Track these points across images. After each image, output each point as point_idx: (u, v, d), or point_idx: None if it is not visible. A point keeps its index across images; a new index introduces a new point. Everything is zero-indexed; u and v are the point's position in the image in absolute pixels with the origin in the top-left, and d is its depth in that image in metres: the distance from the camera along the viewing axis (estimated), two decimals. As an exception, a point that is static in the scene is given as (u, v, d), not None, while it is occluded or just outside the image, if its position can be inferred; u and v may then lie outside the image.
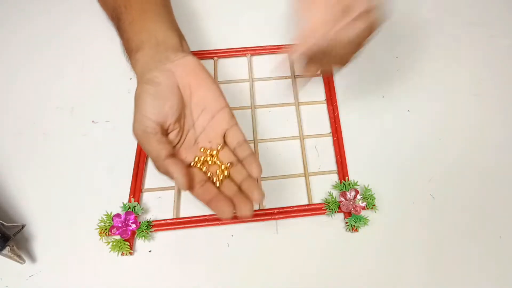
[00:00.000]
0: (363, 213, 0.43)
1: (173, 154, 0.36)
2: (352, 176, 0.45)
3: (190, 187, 0.35)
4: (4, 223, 0.40)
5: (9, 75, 0.54)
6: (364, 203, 0.43)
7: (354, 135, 0.48)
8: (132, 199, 0.44)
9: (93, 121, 0.50)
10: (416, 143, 0.48)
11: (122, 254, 0.41)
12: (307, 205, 0.44)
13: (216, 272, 0.41)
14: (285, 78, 0.53)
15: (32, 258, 0.41)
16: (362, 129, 0.49)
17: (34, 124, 0.50)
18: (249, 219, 0.43)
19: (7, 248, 0.38)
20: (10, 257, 0.39)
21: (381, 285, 0.40)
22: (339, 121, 0.49)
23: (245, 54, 0.54)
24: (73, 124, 0.49)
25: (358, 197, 0.43)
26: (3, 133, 0.49)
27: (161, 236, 0.43)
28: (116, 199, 0.44)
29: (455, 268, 0.41)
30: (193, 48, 0.54)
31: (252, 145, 0.48)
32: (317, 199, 0.45)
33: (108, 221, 0.42)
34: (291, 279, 0.40)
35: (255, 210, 0.43)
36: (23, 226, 0.42)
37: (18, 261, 0.39)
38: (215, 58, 0.54)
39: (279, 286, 0.40)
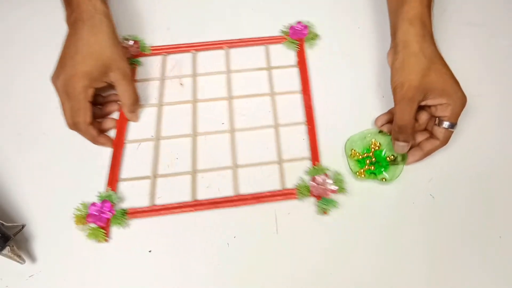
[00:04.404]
0: (334, 196, 0.44)
1: None
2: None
3: None
4: (4, 223, 0.40)
5: (9, 75, 0.54)
6: (334, 187, 0.44)
7: (354, 135, 0.49)
8: (109, 188, 0.44)
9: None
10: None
11: (99, 241, 0.42)
12: (280, 190, 0.45)
13: (216, 272, 0.41)
14: (260, 69, 0.54)
15: (32, 258, 0.41)
16: (362, 129, 0.49)
17: (34, 124, 0.50)
18: (221, 205, 0.44)
19: (7, 248, 0.38)
20: (10, 257, 0.39)
21: (381, 281, 0.40)
22: (312, 110, 0.50)
23: (222, 47, 0.55)
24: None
25: (328, 181, 0.44)
26: (3, 133, 0.49)
27: (160, 234, 0.43)
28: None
29: (455, 268, 0.41)
30: (170, 42, 0.56)
31: (229, 134, 0.49)
32: (291, 185, 0.45)
33: (84, 210, 0.43)
34: (287, 277, 0.41)
35: (227, 197, 0.44)
36: (23, 226, 0.42)
37: (18, 261, 0.39)
38: (193, 51, 0.55)
39: (279, 285, 0.40)
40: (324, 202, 0.43)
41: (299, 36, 0.56)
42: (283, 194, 0.44)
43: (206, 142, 0.48)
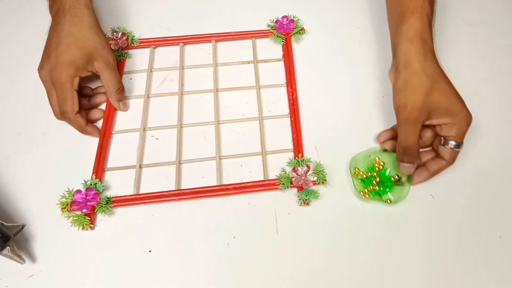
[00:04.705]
0: (316, 188, 0.44)
1: None
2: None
3: None
4: (4, 223, 0.40)
5: (9, 75, 0.54)
6: (314, 178, 0.44)
7: (352, 136, 0.49)
8: (93, 176, 0.45)
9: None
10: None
11: (83, 228, 0.42)
12: (262, 181, 0.45)
13: (216, 272, 0.41)
14: (247, 63, 0.55)
15: (32, 258, 0.41)
16: (363, 129, 0.49)
17: (34, 124, 0.50)
18: (203, 195, 0.44)
19: (7, 248, 0.38)
20: (10, 257, 0.39)
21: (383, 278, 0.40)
22: (297, 102, 0.51)
23: (210, 40, 0.56)
24: (73, 124, 0.49)
25: (309, 172, 0.44)
26: (3, 133, 0.49)
27: (158, 232, 0.43)
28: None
29: (455, 268, 0.41)
30: (159, 34, 0.57)
31: (213, 126, 0.49)
32: (273, 176, 0.46)
33: (69, 197, 0.43)
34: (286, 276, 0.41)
35: (210, 187, 0.45)
36: (23, 226, 0.42)
37: (18, 261, 0.39)
38: (181, 44, 0.56)
39: (279, 284, 0.40)
40: (305, 193, 0.44)
41: (285, 30, 0.57)
42: (265, 185, 0.45)
43: (192, 133, 0.49)
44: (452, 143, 0.43)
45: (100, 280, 0.40)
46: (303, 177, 0.44)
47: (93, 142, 0.48)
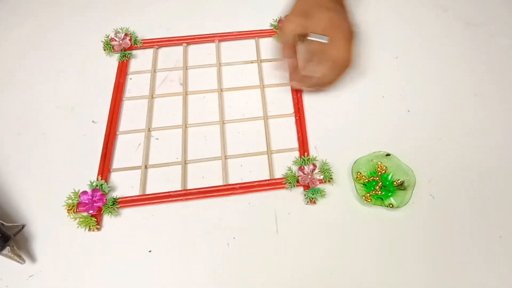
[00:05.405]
0: (322, 186, 0.44)
1: None
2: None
3: None
4: (4, 223, 0.40)
5: (9, 75, 0.54)
6: (320, 176, 0.44)
7: (351, 135, 0.49)
8: (99, 177, 0.45)
9: (93, 121, 0.50)
10: (416, 143, 0.48)
11: (90, 229, 0.42)
12: (268, 180, 0.45)
13: (216, 272, 0.41)
14: (251, 62, 0.55)
15: (32, 258, 0.41)
16: (362, 128, 0.49)
17: (34, 124, 0.50)
18: (209, 195, 0.44)
19: (7, 248, 0.38)
20: (10, 257, 0.39)
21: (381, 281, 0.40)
22: (302, 101, 0.51)
23: (213, 40, 0.56)
24: (73, 124, 0.49)
25: (316, 171, 0.45)
26: (3, 133, 0.49)
27: (158, 232, 0.43)
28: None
29: (455, 268, 0.41)
30: (163, 35, 0.57)
31: (217, 125, 0.49)
32: (279, 175, 0.46)
33: (76, 199, 0.43)
34: (288, 277, 0.41)
35: (216, 186, 0.45)
36: (23, 226, 0.42)
37: (18, 261, 0.39)
38: (184, 44, 0.56)
39: (279, 284, 0.40)
40: (311, 191, 0.44)
41: None
42: (271, 184, 0.45)
43: (197, 133, 0.49)
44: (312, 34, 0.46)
45: (101, 280, 0.40)
46: (309, 176, 0.44)
47: (94, 142, 0.48)
